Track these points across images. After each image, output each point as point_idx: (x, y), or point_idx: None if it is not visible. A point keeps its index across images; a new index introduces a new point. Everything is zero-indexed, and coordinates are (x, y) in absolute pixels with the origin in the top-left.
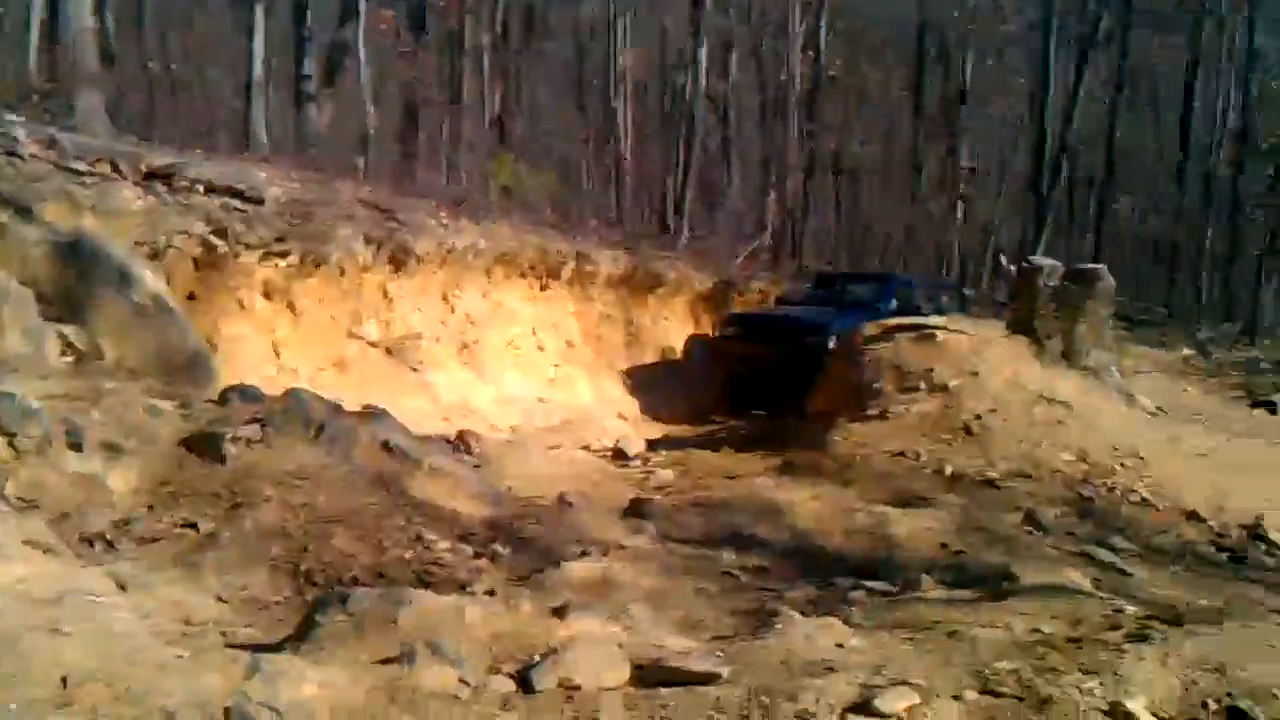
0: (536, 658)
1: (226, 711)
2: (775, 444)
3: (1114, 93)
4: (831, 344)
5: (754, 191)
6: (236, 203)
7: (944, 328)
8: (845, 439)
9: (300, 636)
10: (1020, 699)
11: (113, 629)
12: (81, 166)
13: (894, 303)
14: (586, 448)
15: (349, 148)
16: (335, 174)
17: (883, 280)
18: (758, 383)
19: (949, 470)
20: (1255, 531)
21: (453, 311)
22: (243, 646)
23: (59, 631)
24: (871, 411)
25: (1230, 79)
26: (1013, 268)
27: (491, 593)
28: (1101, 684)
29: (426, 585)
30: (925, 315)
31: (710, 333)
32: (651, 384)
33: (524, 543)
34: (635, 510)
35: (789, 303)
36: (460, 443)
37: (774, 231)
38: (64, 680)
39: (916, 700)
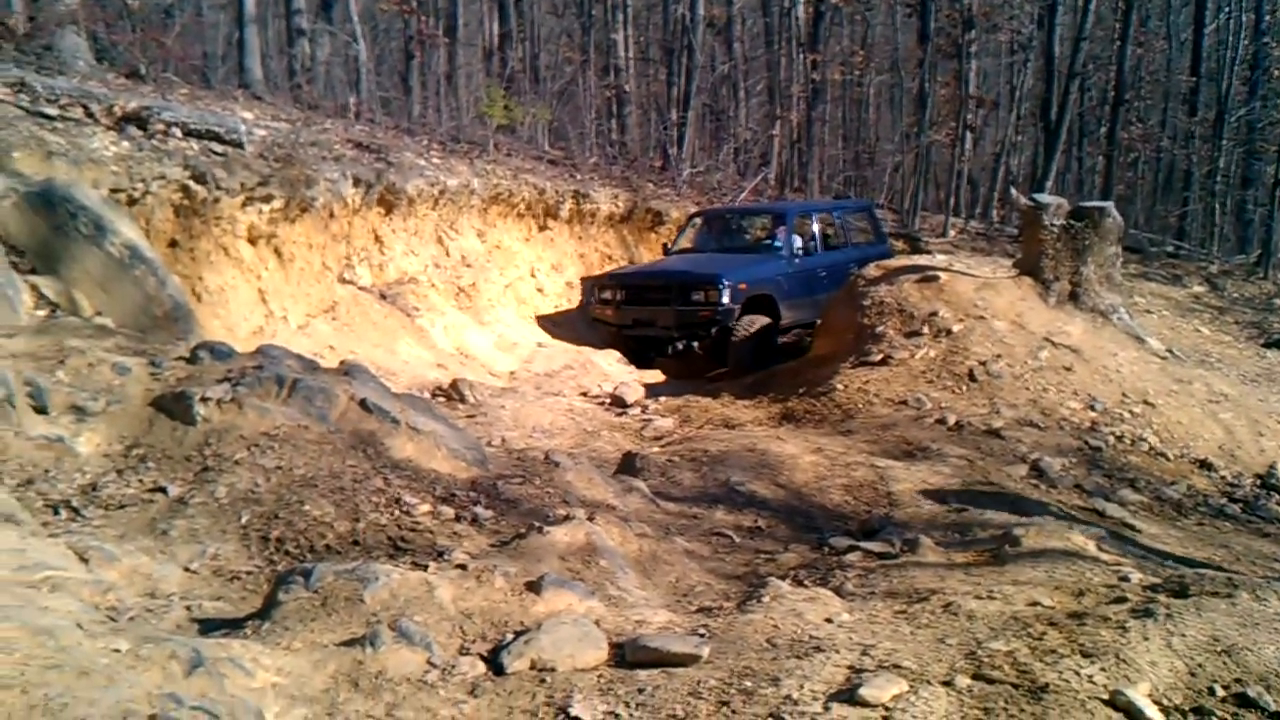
0: (509, 636)
1: (152, 719)
2: (777, 390)
3: (1123, 16)
4: (726, 298)
5: (759, 122)
6: (215, 146)
7: (948, 269)
8: (846, 386)
9: (263, 614)
10: (1016, 686)
11: (40, 624)
12: (53, 111)
13: (796, 239)
14: (586, 394)
15: (344, 84)
16: (327, 111)
17: (779, 215)
18: (653, 350)
19: (952, 420)
20: (1268, 481)
21: (448, 254)
22: (205, 622)
23: None
24: (874, 357)
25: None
26: (1023, 198)
27: (464, 566)
28: (1103, 669)
29: (403, 552)
30: (839, 248)
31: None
32: None
33: (508, 504)
34: (627, 467)
35: (678, 251)
36: (454, 392)
37: (779, 163)
38: None
39: (904, 688)
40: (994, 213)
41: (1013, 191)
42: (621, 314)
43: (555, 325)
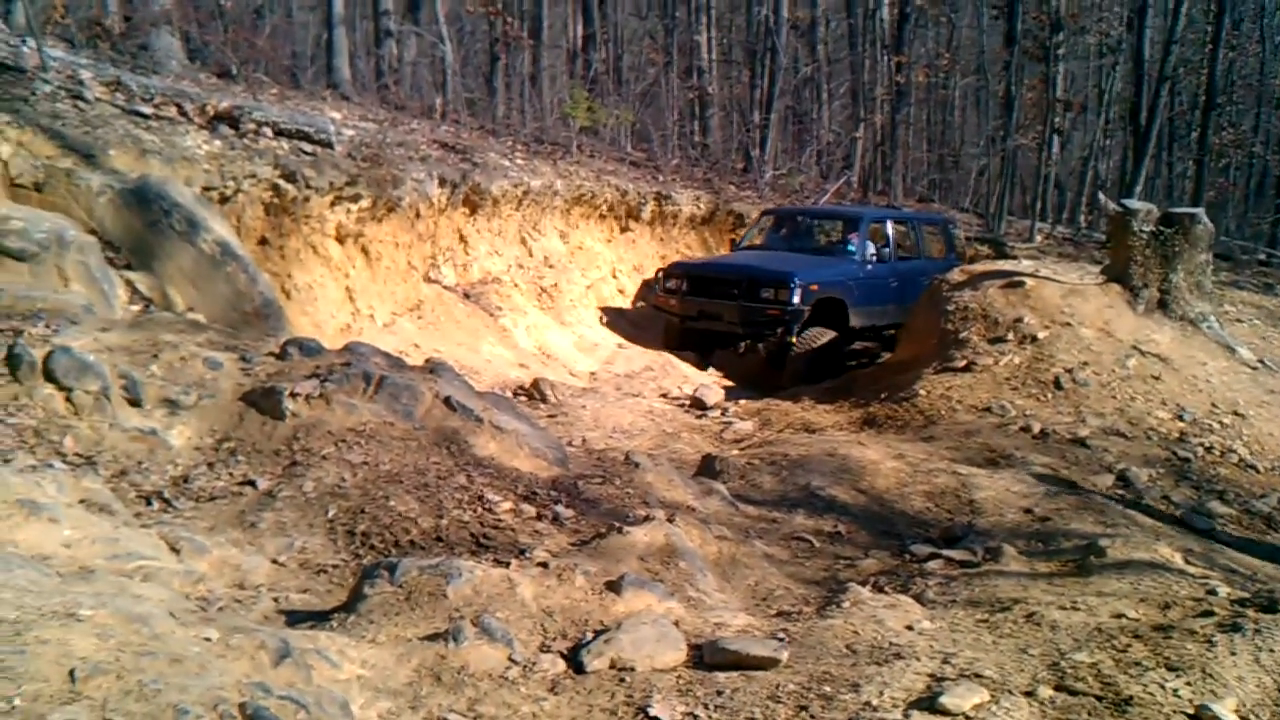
0: (589, 635)
1: (241, 708)
2: (858, 395)
3: (1215, 19)
4: (797, 298)
5: (842, 125)
6: (305, 146)
7: (1033, 275)
8: (929, 392)
9: (348, 607)
10: (1099, 698)
11: (134, 612)
12: (147, 110)
13: (869, 245)
14: (665, 395)
15: (431, 85)
16: (414, 112)
17: (853, 218)
18: (715, 345)
19: (1037, 428)
20: None
21: (531, 254)
22: (292, 613)
23: (75, 616)
24: (957, 363)
25: None
26: (1111, 204)
27: (545, 564)
28: (1188, 683)
29: (485, 549)
30: (911, 259)
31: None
32: None
33: (589, 504)
34: (706, 469)
35: (747, 247)
36: (535, 391)
37: (863, 166)
38: (71, 673)
39: (985, 697)
40: (1081, 218)
41: (1101, 197)
42: (685, 304)
43: (635, 327)
